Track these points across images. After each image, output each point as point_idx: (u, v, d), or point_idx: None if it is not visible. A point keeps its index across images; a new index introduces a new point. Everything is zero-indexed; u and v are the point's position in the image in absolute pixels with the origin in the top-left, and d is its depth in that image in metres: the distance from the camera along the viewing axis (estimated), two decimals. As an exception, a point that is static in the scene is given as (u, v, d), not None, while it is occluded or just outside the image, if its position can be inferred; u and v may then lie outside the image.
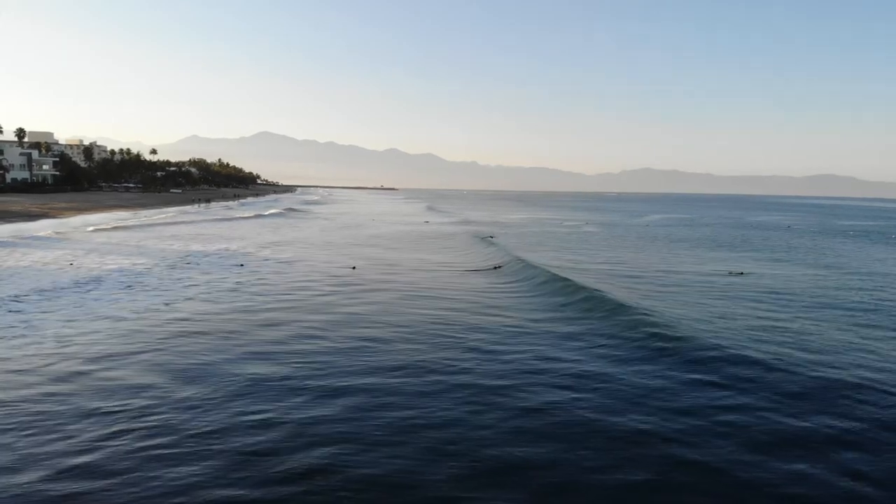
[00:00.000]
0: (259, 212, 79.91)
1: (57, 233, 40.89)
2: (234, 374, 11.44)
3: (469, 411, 9.73)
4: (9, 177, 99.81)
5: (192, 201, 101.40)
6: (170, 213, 71.68)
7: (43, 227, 46.28)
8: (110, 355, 12.59)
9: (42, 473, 7.47)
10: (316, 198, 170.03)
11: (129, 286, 21.17)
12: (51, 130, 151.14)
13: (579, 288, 20.84)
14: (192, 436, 8.61)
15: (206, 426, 8.96)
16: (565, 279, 22.69)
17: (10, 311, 16.67)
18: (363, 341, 14.15)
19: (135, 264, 26.82)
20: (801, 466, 7.90)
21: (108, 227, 48.33)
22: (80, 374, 11.39)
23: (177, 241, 38.68)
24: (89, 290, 20.05)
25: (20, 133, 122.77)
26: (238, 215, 71.44)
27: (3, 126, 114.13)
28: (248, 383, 10.90)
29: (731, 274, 26.81)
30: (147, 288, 20.94)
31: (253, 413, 9.53)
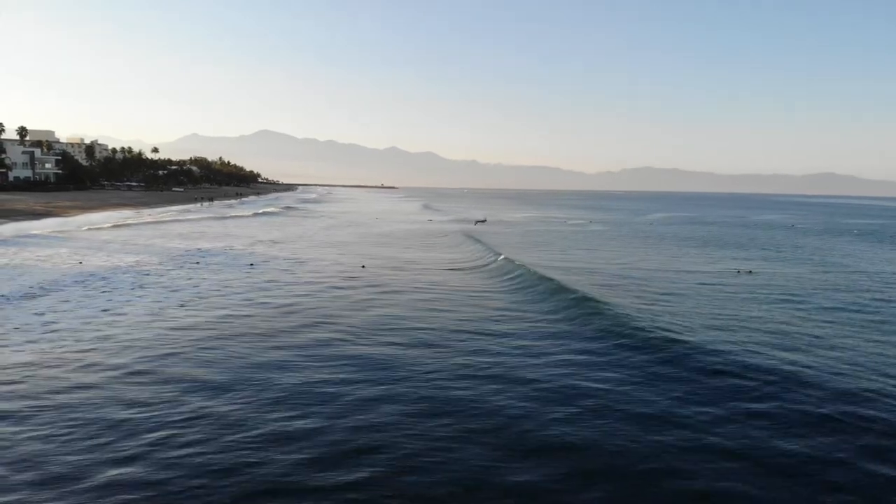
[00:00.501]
0: (263, 209, 79.93)
1: (63, 231, 40.90)
2: (268, 378, 11.33)
3: (526, 412, 9.72)
4: (11, 175, 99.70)
5: (194, 200, 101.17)
6: (173, 211, 71.68)
7: (48, 225, 46.27)
8: (140, 358, 12.58)
9: (104, 476, 7.45)
10: (314, 196, 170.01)
11: (141, 286, 21.14)
12: (51, 129, 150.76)
13: (590, 287, 20.80)
14: (246, 442, 8.50)
15: (259, 431, 8.85)
16: (573, 284, 22.62)
17: (25, 311, 16.66)
18: (393, 343, 14.10)
19: (143, 263, 26.79)
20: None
21: (114, 225, 48.32)
22: (111, 378, 11.36)
23: (183, 239, 38.65)
24: (104, 292, 20.00)
25: (22, 131, 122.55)
26: (242, 213, 71.44)
27: (4, 125, 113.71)
28: (283, 389, 10.76)
29: (739, 272, 26.83)
30: (158, 287, 20.90)
31: (304, 418, 9.38)
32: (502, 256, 30.00)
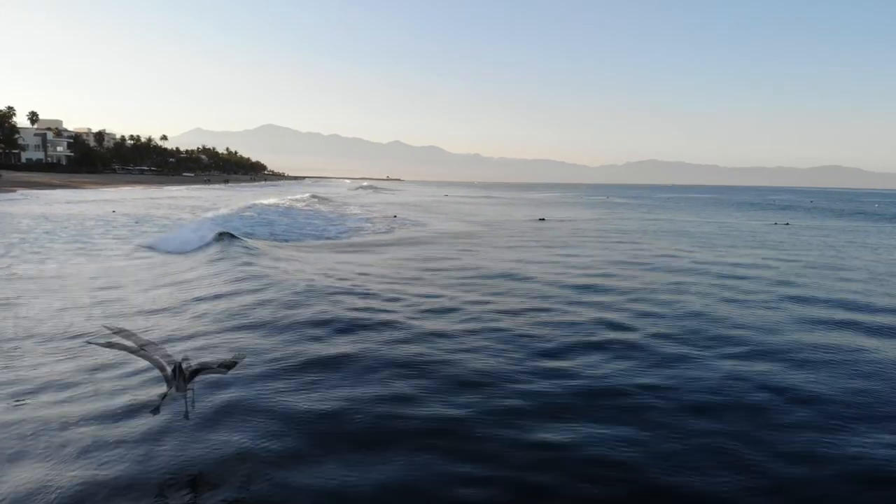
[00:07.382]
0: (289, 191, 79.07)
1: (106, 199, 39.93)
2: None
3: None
4: (24, 157, 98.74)
5: (205, 181, 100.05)
6: (195, 188, 70.81)
7: (77, 194, 45.38)
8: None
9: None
10: (315, 183, 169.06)
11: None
12: (59, 119, 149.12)
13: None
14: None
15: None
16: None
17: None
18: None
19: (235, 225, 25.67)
20: None
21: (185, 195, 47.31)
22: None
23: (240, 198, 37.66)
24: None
25: (33, 116, 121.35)
26: (266, 190, 70.68)
27: (15, 109, 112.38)
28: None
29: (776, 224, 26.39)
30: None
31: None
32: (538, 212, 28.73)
